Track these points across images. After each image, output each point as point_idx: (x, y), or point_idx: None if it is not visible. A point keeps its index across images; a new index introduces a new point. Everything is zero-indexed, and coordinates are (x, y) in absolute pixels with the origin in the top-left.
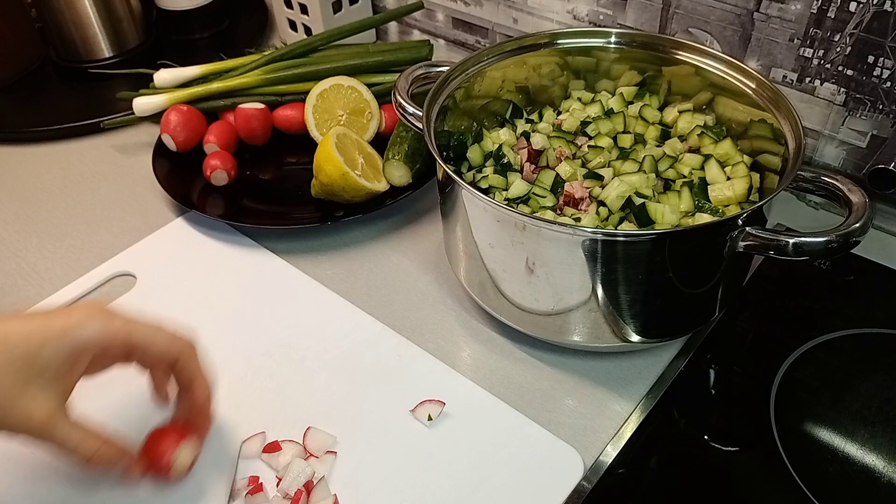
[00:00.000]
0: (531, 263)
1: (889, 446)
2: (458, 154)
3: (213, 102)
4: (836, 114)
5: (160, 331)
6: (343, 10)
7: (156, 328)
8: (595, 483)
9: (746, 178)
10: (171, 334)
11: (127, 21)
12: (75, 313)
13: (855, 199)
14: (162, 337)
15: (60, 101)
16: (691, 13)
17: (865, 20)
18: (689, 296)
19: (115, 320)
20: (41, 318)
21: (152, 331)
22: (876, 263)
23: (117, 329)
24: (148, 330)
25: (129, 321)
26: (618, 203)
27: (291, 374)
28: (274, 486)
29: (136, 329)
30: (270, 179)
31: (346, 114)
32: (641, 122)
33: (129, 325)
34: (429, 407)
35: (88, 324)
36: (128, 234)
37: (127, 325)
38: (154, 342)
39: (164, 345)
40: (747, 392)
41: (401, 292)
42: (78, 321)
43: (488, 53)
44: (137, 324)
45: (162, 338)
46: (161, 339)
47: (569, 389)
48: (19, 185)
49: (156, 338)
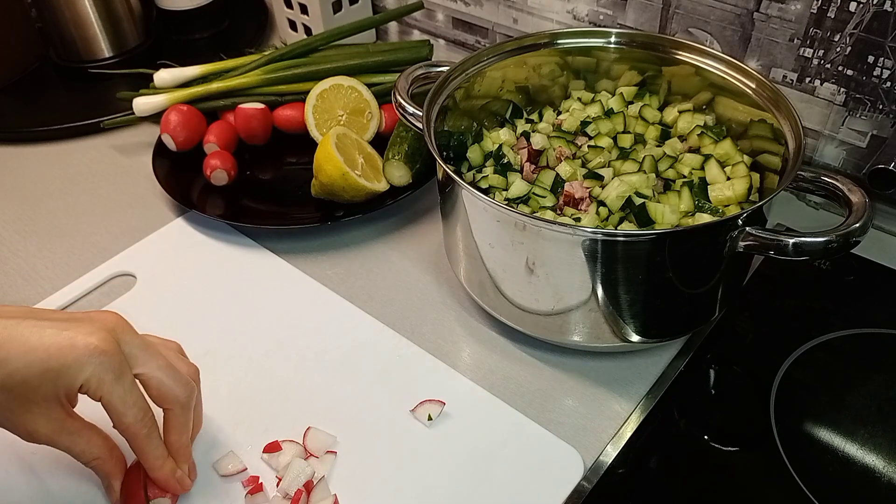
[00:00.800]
0: (531, 263)
1: (889, 446)
2: (458, 154)
3: (213, 102)
4: (836, 114)
5: (172, 373)
6: (343, 10)
7: (170, 373)
8: (595, 483)
9: (746, 178)
10: (183, 380)
11: (127, 21)
12: (82, 343)
13: (855, 199)
14: (175, 383)
15: (60, 101)
16: (691, 13)
17: (865, 20)
18: (689, 296)
19: (124, 367)
20: (50, 336)
21: (166, 376)
22: (876, 263)
23: (125, 374)
24: (162, 376)
25: (144, 362)
26: (618, 203)
27: (291, 374)
28: (274, 486)
29: (151, 377)
30: (270, 179)
31: (346, 114)
32: (641, 122)
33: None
34: (429, 407)
35: (89, 365)
36: (128, 234)
37: (103, 385)
38: (163, 385)
39: (175, 392)
40: (747, 392)
41: (401, 292)
42: (81, 358)
43: (488, 53)
44: (151, 365)
45: (175, 384)
46: (173, 385)
47: (569, 389)
48: (19, 185)
49: (167, 382)
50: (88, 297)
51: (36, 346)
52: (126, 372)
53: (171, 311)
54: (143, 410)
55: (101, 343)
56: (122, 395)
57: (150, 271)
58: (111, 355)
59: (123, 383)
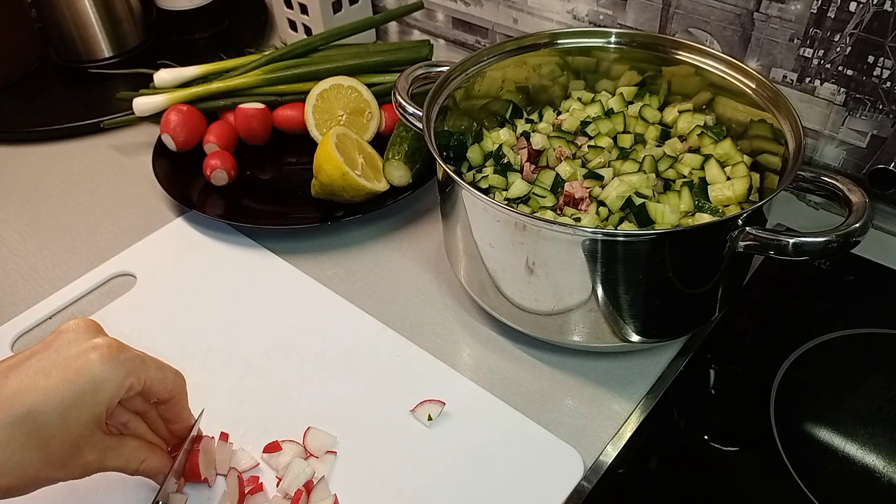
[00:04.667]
0: (531, 263)
1: (889, 446)
2: (458, 154)
3: (213, 102)
4: (836, 114)
5: (165, 369)
6: (343, 10)
7: (161, 367)
8: (595, 483)
9: (746, 178)
10: (173, 372)
11: (127, 21)
12: (94, 354)
13: (855, 199)
14: (168, 375)
15: (60, 101)
16: (691, 13)
17: (865, 20)
18: (689, 296)
19: (128, 372)
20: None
21: (160, 371)
22: (876, 263)
23: (132, 380)
24: (157, 372)
25: (139, 366)
26: (618, 203)
27: (291, 374)
28: (274, 486)
29: (148, 374)
30: (270, 179)
31: (346, 114)
32: (641, 122)
33: (141, 370)
34: (429, 407)
35: (119, 367)
36: (128, 234)
37: (140, 371)
38: (162, 381)
39: (170, 383)
40: (747, 392)
41: (401, 292)
42: (108, 366)
43: (488, 53)
44: (147, 366)
45: (168, 376)
46: (168, 377)
47: (569, 389)
48: (19, 185)
49: (164, 377)
50: (88, 297)
51: (54, 383)
52: (137, 350)
53: (171, 311)
54: (171, 367)
55: (105, 341)
56: (155, 366)
57: (150, 271)
58: (119, 346)
59: (147, 358)
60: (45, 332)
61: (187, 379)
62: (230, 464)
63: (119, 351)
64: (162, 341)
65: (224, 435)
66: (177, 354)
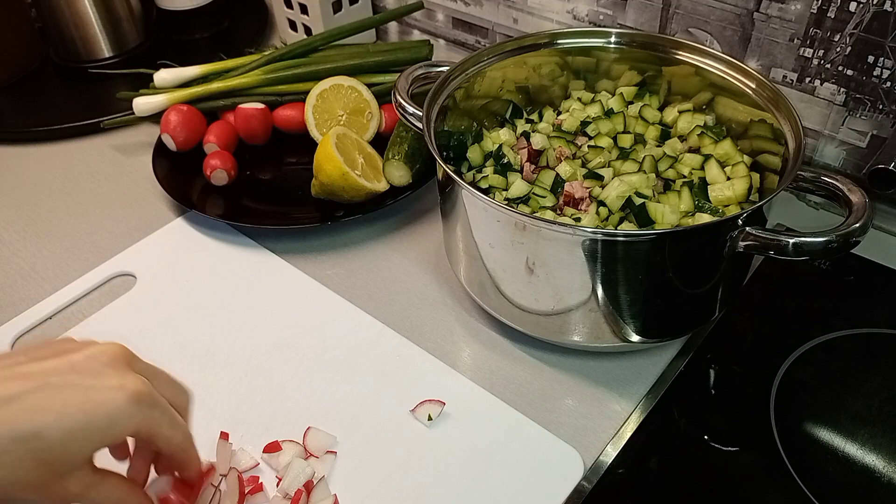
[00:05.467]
0: (531, 263)
1: (889, 446)
2: (458, 154)
3: (213, 102)
4: (836, 114)
5: (177, 428)
6: (343, 10)
7: (175, 426)
8: (595, 483)
9: (746, 178)
10: (183, 434)
11: (127, 21)
12: (120, 394)
13: (855, 199)
14: (177, 436)
15: (60, 101)
16: (691, 13)
17: (865, 20)
18: (689, 296)
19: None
20: (76, 393)
21: (172, 430)
22: (876, 263)
23: (143, 430)
24: (169, 430)
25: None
26: (618, 203)
27: (291, 374)
28: (274, 486)
29: (161, 430)
30: (270, 179)
31: (346, 114)
32: (641, 122)
33: (155, 424)
34: (429, 407)
35: (137, 412)
36: (128, 234)
37: (153, 425)
38: (168, 441)
39: (175, 445)
40: (747, 392)
41: (401, 292)
42: (125, 409)
43: (488, 53)
44: (163, 421)
45: (177, 437)
46: (176, 439)
47: (569, 389)
48: (19, 185)
49: (172, 438)
50: (88, 297)
51: (69, 409)
52: (163, 401)
53: (171, 311)
54: (184, 425)
55: (135, 385)
56: (170, 423)
57: (150, 271)
58: (149, 394)
59: (167, 414)
60: (46, 332)
61: (187, 379)
62: (230, 464)
63: (146, 397)
64: (162, 341)
65: (224, 434)
66: (177, 354)
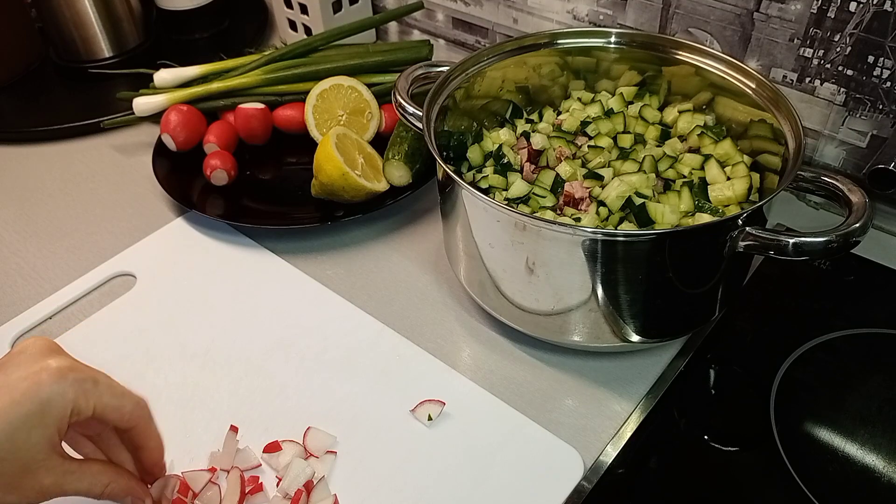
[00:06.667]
0: (531, 263)
1: (889, 446)
2: (458, 154)
3: (213, 102)
4: (836, 114)
5: (124, 397)
6: (343, 10)
7: (119, 394)
8: (595, 483)
9: (746, 178)
10: (133, 401)
11: (127, 21)
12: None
13: (855, 199)
14: (126, 403)
15: (60, 101)
16: (691, 13)
17: (865, 20)
18: (689, 296)
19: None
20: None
21: (116, 399)
22: (876, 263)
23: (81, 402)
24: (112, 399)
25: (89, 389)
26: (618, 203)
27: (291, 374)
28: (274, 486)
29: (100, 399)
30: (270, 179)
31: (346, 114)
32: (641, 122)
33: (91, 393)
34: (429, 407)
35: (68, 387)
36: (128, 234)
37: (90, 395)
38: (118, 409)
39: (127, 412)
40: (747, 392)
41: (401, 292)
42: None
43: (488, 53)
44: (100, 390)
45: (126, 405)
46: (125, 406)
47: (569, 389)
48: (19, 185)
49: (120, 405)
50: (88, 297)
51: (2, 406)
52: (96, 373)
53: (171, 311)
54: (132, 394)
55: (57, 363)
56: (111, 392)
57: (150, 271)
58: (76, 367)
59: (102, 383)
60: (46, 332)
61: (187, 379)
62: (233, 462)
63: (69, 371)
64: (162, 341)
65: (234, 428)
66: (177, 354)
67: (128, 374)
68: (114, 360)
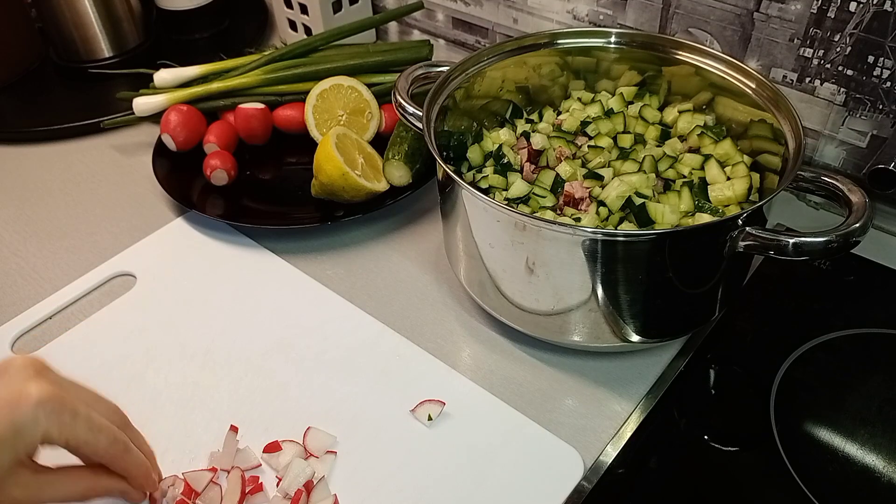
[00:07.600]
0: (531, 263)
1: (889, 446)
2: (458, 154)
3: (213, 102)
4: (836, 114)
5: (100, 432)
6: (343, 10)
7: (96, 430)
8: (595, 483)
9: (746, 178)
10: (108, 438)
11: (127, 21)
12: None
13: (855, 199)
14: (101, 441)
15: (60, 101)
16: (691, 13)
17: (865, 20)
18: (689, 296)
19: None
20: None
21: (92, 434)
22: (876, 263)
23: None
24: (88, 434)
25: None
26: (618, 203)
27: (291, 374)
28: (274, 486)
29: (75, 433)
30: (270, 179)
31: (346, 114)
32: (641, 122)
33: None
34: (429, 407)
35: (42, 416)
36: (128, 234)
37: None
38: (92, 445)
39: (101, 449)
40: (747, 392)
41: (401, 292)
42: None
43: (488, 53)
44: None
45: (101, 442)
46: (100, 443)
47: (569, 389)
48: (19, 185)
49: (95, 442)
50: (88, 297)
51: None
52: (77, 405)
53: (171, 311)
54: (110, 429)
55: (41, 389)
56: (87, 427)
57: (150, 271)
58: (56, 398)
59: (81, 417)
60: (45, 332)
61: (187, 379)
62: (234, 462)
63: (49, 401)
64: (162, 341)
65: (234, 428)
66: (177, 354)
67: (128, 374)
68: (114, 360)
